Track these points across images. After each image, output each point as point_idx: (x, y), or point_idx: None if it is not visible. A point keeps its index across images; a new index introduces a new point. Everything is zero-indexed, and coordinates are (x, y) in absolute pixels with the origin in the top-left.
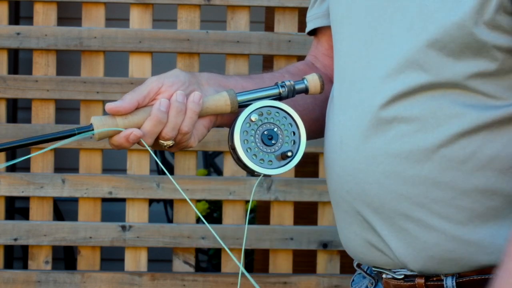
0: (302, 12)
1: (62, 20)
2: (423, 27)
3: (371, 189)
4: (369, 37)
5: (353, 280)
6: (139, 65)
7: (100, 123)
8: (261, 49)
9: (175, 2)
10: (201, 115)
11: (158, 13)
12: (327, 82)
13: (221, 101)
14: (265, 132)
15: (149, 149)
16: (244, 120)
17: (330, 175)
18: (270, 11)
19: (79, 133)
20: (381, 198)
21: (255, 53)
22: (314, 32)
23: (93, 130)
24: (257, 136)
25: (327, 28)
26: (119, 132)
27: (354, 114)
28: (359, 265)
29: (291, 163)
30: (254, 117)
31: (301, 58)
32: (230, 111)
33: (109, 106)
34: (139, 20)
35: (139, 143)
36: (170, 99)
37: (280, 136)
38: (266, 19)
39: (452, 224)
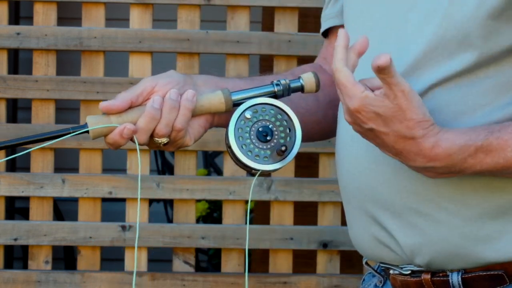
0: (302, 12)
1: (62, 20)
2: (438, 23)
3: (380, 186)
4: (384, 35)
5: (363, 280)
6: (139, 65)
7: (95, 121)
8: (261, 49)
9: (175, 2)
10: (196, 114)
11: (158, 13)
12: (333, 84)
13: (215, 99)
14: (260, 129)
15: (137, 147)
16: (239, 117)
17: (341, 172)
18: (267, 12)
19: (73, 132)
20: (391, 194)
21: (255, 53)
22: (326, 34)
23: (87, 128)
24: (252, 133)
25: (338, 28)
26: (113, 130)
27: None
28: (368, 263)
29: (286, 158)
30: (248, 114)
31: (301, 58)
32: (225, 110)
33: (102, 104)
34: (139, 20)
35: (132, 140)
36: (164, 97)
37: (275, 132)
38: (263, 20)
39: (460, 220)
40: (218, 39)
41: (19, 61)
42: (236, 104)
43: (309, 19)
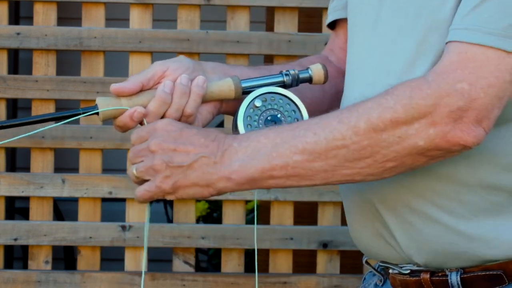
0: (302, 12)
1: (62, 20)
2: (428, 16)
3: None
4: (386, 28)
5: (364, 279)
6: (139, 65)
7: (105, 103)
8: (261, 49)
9: (175, 2)
10: (205, 100)
11: (158, 13)
12: (339, 75)
13: (225, 86)
14: (268, 118)
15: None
16: (248, 105)
17: None
18: (271, 11)
19: (84, 113)
20: (385, 189)
21: (255, 53)
22: (333, 26)
23: (98, 109)
24: (260, 121)
25: (345, 20)
26: (123, 112)
27: None
28: (368, 262)
29: None
30: (258, 103)
31: (301, 58)
32: (234, 97)
33: (113, 86)
34: (139, 20)
35: (141, 123)
36: (174, 82)
37: (284, 122)
38: (267, 20)
39: (455, 218)
40: (218, 39)
41: (19, 61)
42: (245, 92)
43: (315, 19)
